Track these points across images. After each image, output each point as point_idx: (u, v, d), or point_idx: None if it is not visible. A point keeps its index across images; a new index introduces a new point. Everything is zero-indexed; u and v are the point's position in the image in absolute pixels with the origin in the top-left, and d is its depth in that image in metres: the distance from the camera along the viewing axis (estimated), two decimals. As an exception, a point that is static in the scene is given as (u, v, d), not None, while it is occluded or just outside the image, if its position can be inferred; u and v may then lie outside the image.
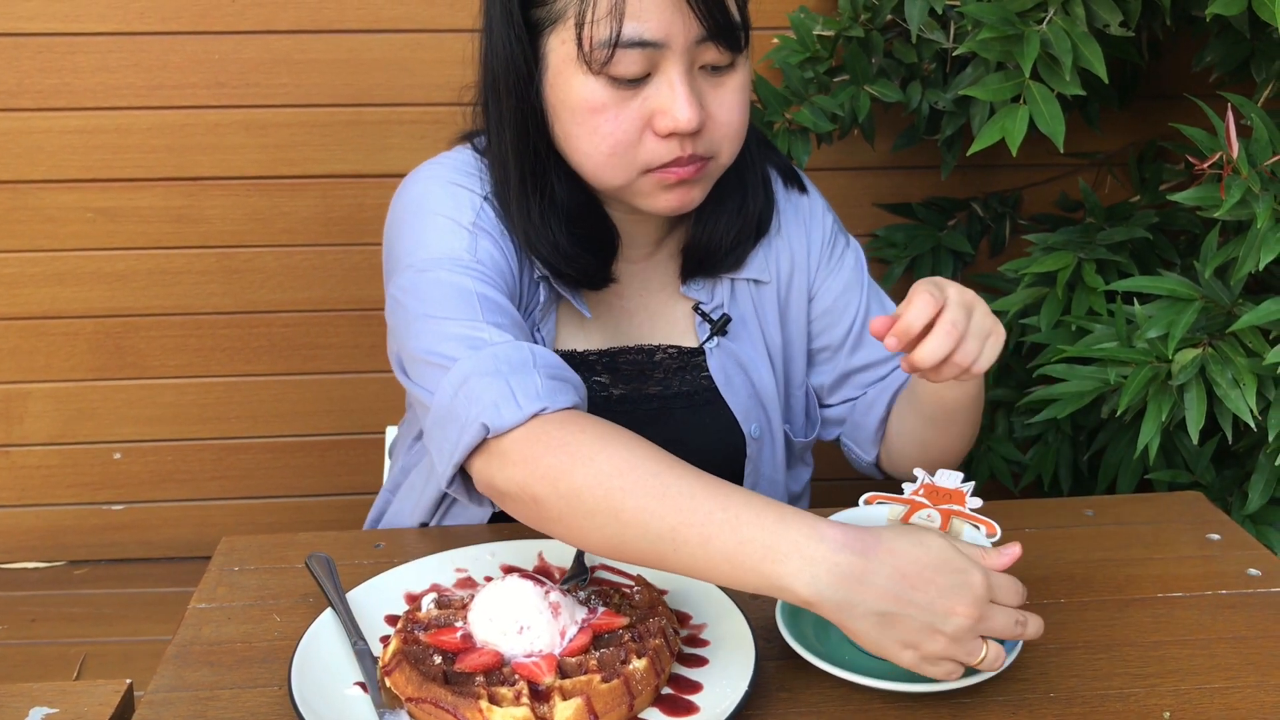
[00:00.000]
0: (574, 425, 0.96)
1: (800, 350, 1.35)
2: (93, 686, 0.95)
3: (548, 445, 0.95)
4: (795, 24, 1.94)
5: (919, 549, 0.85)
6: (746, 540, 0.86)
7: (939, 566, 0.84)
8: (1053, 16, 1.53)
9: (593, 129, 1.10)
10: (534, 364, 1.01)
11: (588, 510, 0.91)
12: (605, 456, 0.92)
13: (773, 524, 0.86)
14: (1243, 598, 1.09)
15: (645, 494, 0.89)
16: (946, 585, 0.84)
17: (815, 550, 0.84)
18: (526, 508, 0.97)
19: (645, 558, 0.91)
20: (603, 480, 0.91)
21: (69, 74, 2.10)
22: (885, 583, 0.83)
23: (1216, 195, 1.45)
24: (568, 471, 0.93)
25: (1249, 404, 1.46)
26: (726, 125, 1.13)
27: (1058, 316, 1.79)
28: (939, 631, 0.84)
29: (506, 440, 0.97)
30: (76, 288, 2.21)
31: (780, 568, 0.84)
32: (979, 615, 0.84)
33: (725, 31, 1.08)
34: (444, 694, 0.86)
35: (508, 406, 0.97)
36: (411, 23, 2.12)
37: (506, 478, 0.97)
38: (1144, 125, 2.24)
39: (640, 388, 1.27)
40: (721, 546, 0.86)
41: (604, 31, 1.05)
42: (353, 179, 2.16)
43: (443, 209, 1.16)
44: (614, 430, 0.96)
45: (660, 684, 0.91)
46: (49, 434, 2.30)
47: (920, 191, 2.29)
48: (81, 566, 2.38)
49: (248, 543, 1.19)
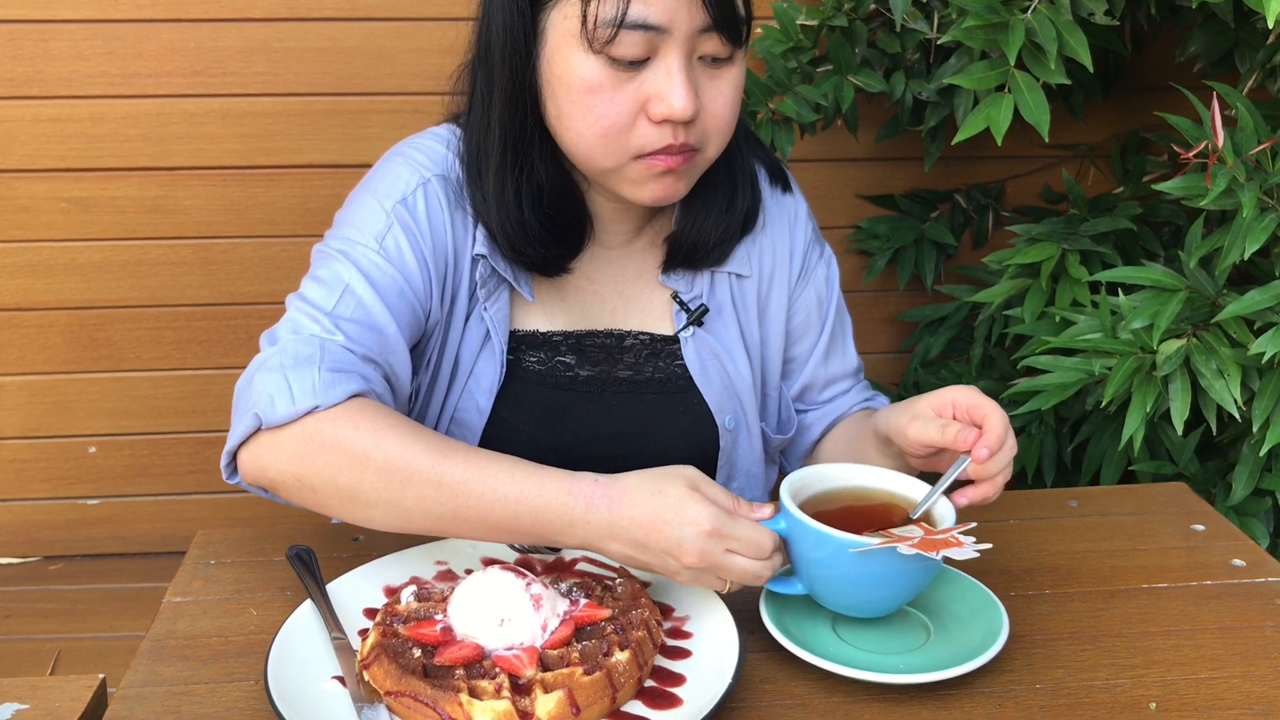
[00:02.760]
0: (349, 421, 1.00)
1: (777, 350, 1.34)
2: (65, 681, 0.94)
3: (321, 444, 0.99)
4: (779, 14, 1.93)
5: (657, 499, 0.95)
6: (517, 514, 0.97)
7: (670, 519, 0.94)
8: (1038, 5, 1.52)
9: (587, 109, 1.09)
10: (319, 360, 1.04)
11: (368, 502, 0.99)
12: (381, 454, 0.98)
13: (534, 495, 0.97)
14: (1227, 588, 1.08)
15: (423, 484, 0.97)
16: (674, 536, 0.93)
17: (573, 512, 0.96)
18: (303, 495, 1.02)
19: (430, 532, 1.00)
20: (381, 475, 0.98)
21: (41, 61, 2.07)
22: (629, 533, 0.95)
23: (1202, 185, 1.45)
24: (344, 469, 0.99)
25: (1234, 394, 1.45)
26: (718, 118, 1.12)
27: (1041, 308, 1.79)
28: (677, 572, 0.95)
29: (282, 434, 1.01)
30: (50, 279, 2.19)
31: (548, 530, 0.97)
32: (706, 563, 0.93)
33: (729, 23, 1.07)
34: (423, 687, 0.84)
35: (282, 400, 1.00)
36: (391, 11, 2.09)
37: (279, 470, 1.02)
38: (1126, 116, 2.24)
39: (609, 370, 1.26)
40: (498, 520, 0.97)
41: (609, 10, 1.04)
42: (331, 169, 2.14)
43: (378, 188, 1.18)
44: (389, 422, 1.01)
45: (643, 676, 0.90)
46: (23, 427, 2.27)
47: (903, 183, 2.28)
48: (56, 562, 2.35)
49: (223, 536, 1.17)
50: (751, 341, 1.31)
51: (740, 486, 1.33)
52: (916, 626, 1.00)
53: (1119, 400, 1.54)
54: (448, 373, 1.22)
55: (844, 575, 0.94)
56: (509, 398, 1.23)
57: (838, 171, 2.27)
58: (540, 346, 1.23)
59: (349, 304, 1.09)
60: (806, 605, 1.00)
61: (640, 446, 1.26)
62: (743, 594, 1.01)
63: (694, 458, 1.29)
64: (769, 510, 0.97)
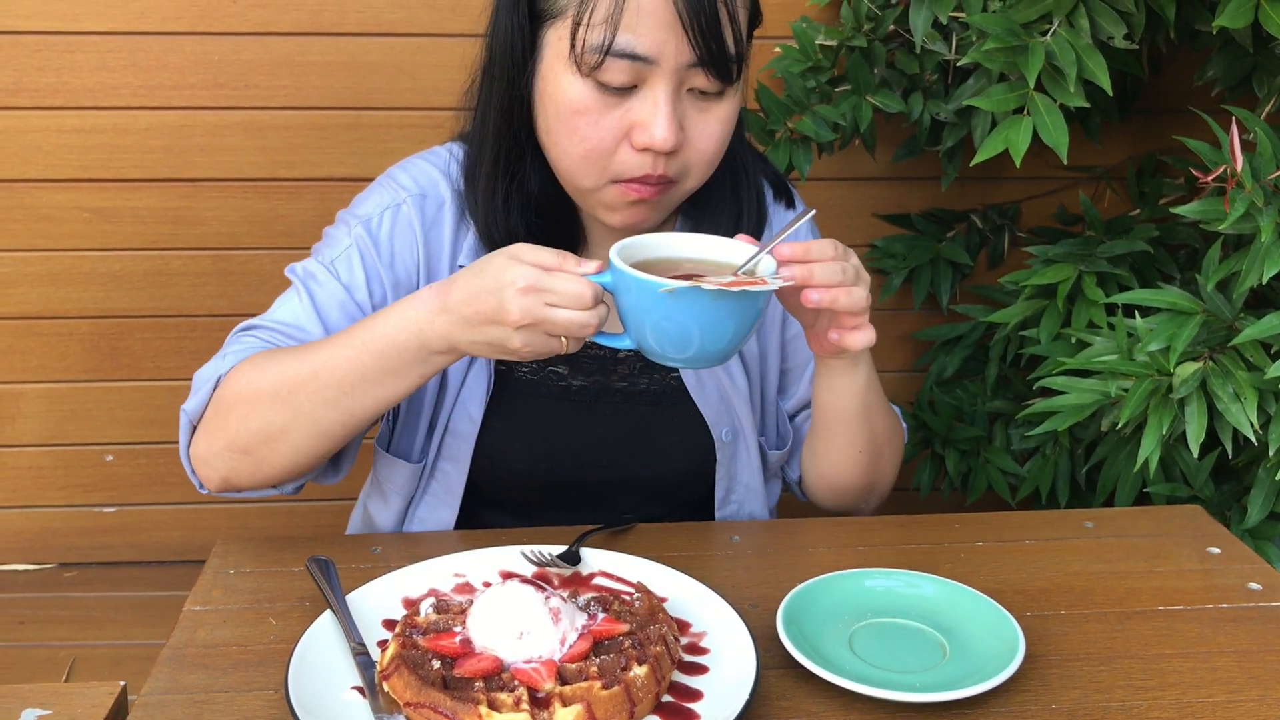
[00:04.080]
0: (236, 374, 1.12)
1: (774, 365, 1.35)
2: (86, 688, 0.94)
3: (226, 405, 1.12)
4: (797, 33, 1.94)
5: (477, 275, 1.02)
6: (381, 351, 1.06)
7: (489, 286, 1.00)
8: (1057, 28, 1.53)
9: (572, 129, 1.10)
10: (225, 355, 1.17)
11: (282, 429, 1.10)
12: (266, 381, 1.10)
13: (384, 326, 1.06)
14: (1243, 611, 1.08)
15: (305, 383, 1.08)
16: (495, 302, 0.99)
17: (418, 319, 1.04)
18: (245, 465, 1.13)
19: (344, 425, 1.10)
20: (274, 400, 1.09)
21: (67, 73, 2.09)
22: (459, 313, 1.02)
23: (1220, 209, 1.45)
24: (249, 414, 1.11)
25: (1250, 418, 1.45)
26: (702, 153, 1.13)
27: (1058, 329, 1.79)
28: (509, 340, 1.00)
29: (202, 420, 1.15)
30: (71, 288, 2.20)
31: (409, 346, 1.05)
32: (531, 319, 0.98)
33: (717, 61, 1.08)
34: (443, 699, 0.85)
35: (197, 394, 1.15)
36: (412, 26, 2.11)
37: (214, 452, 1.14)
38: (1143, 139, 2.25)
39: (603, 380, 1.27)
40: (374, 368, 1.07)
41: (597, 37, 1.05)
42: (351, 182, 2.14)
43: (355, 210, 1.25)
44: (266, 356, 1.13)
45: (661, 692, 0.90)
46: (41, 435, 2.29)
47: (919, 202, 2.29)
48: (72, 569, 2.36)
49: (243, 546, 1.18)
50: (750, 355, 1.32)
51: (740, 499, 1.33)
52: (933, 645, 1.00)
53: (1135, 422, 1.54)
54: (436, 385, 1.24)
55: (662, 320, 0.98)
56: (501, 407, 1.25)
57: (854, 190, 2.27)
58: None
59: (277, 313, 1.20)
60: (823, 622, 1.01)
61: (636, 457, 1.27)
62: (760, 610, 1.02)
63: (691, 469, 1.30)
64: (594, 265, 1.00)
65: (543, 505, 1.29)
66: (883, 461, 1.29)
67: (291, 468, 1.14)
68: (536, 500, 1.30)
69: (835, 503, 1.34)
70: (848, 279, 1.04)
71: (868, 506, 1.34)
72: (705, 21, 1.05)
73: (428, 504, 1.29)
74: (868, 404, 1.21)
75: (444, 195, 1.24)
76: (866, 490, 1.30)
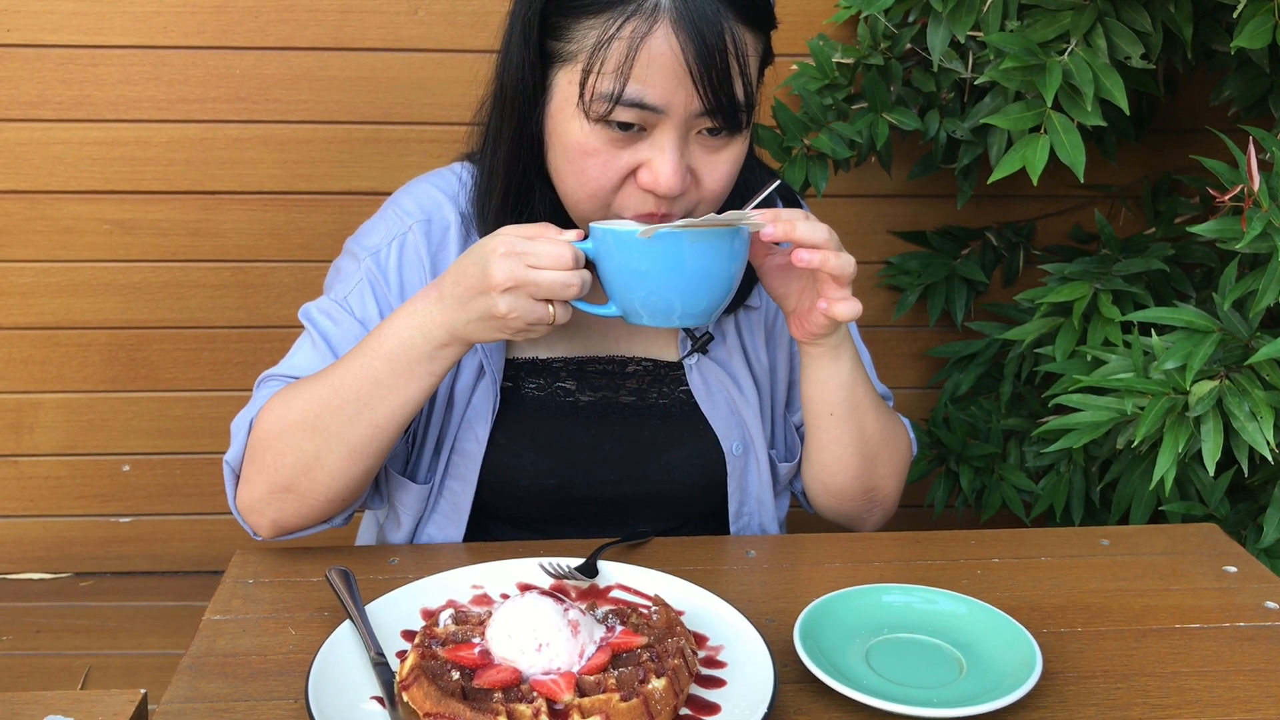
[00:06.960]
0: (265, 413, 1.15)
1: (782, 377, 1.35)
2: (107, 696, 0.94)
3: (261, 446, 1.15)
4: (815, 51, 1.95)
5: (464, 259, 1.06)
6: (391, 353, 1.10)
7: (473, 258, 1.05)
8: (1075, 47, 1.54)
9: (580, 169, 1.11)
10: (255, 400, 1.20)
11: (317, 457, 1.13)
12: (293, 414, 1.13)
13: (390, 331, 1.10)
14: (1260, 630, 1.08)
15: (329, 405, 1.12)
16: (479, 271, 1.04)
17: (418, 313, 1.09)
18: (290, 503, 1.15)
19: (372, 439, 1.13)
20: (304, 429, 1.12)
21: (90, 86, 2.11)
22: (451, 292, 1.07)
23: (1237, 228, 1.45)
24: (285, 450, 1.13)
25: (1266, 436, 1.45)
26: (710, 191, 1.14)
27: (1073, 347, 1.79)
28: (496, 307, 1.03)
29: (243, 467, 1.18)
30: (91, 298, 2.22)
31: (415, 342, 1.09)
32: (515, 281, 1.02)
33: (726, 112, 1.08)
34: (462, 710, 0.85)
35: (233, 443, 1.19)
36: (433, 42, 2.13)
37: (259, 495, 1.16)
38: (1158, 158, 2.25)
39: (611, 396, 1.27)
40: (387, 372, 1.10)
41: (607, 86, 1.06)
42: (370, 196, 2.17)
43: (363, 242, 1.28)
44: (289, 389, 1.16)
45: (679, 705, 0.90)
46: (58, 444, 2.30)
47: (935, 220, 2.29)
48: (87, 578, 2.37)
49: (261, 556, 1.19)
50: (759, 369, 1.32)
51: (751, 512, 1.33)
52: (950, 661, 1.00)
53: (1150, 440, 1.54)
54: (443, 405, 1.24)
55: (643, 272, 1.02)
56: (508, 425, 1.25)
57: (870, 207, 2.28)
58: (539, 373, 1.25)
59: (293, 360, 1.23)
60: (840, 637, 1.01)
61: (646, 473, 1.27)
62: (777, 625, 1.02)
63: (702, 483, 1.30)
64: (574, 233, 1.05)
65: (554, 521, 1.30)
66: (878, 466, 1.29)
67: (333, 496, 1.16)
68: (547, 516, 1.30)
69: (834, 509, 1.33)
70: (834, 243, 1.07)
71: (870, 519, 1.34)
72: (716, 76, 1.06)
73: (436, 522, 1.29)
74: (853, 398, 1.22)
75: (449, 219, 1.25)
76: (864, 497, 1.30)
